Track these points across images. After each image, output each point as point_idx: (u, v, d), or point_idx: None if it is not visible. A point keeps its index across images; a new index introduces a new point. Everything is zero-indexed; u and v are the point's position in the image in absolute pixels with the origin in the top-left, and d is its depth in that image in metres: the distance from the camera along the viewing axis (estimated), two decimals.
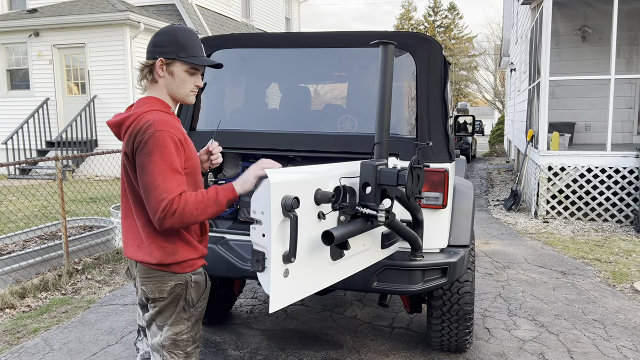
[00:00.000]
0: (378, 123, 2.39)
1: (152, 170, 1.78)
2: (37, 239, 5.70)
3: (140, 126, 1.83)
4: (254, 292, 4.72)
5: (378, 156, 2.39)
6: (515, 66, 14.54)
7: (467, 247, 3.02)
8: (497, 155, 20.84)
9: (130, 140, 1.85)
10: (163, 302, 1.95)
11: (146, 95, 1.99)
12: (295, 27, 22.18)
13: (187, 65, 1.96)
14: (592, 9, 9.66)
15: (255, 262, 1.84)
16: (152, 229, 1.91)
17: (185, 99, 2.01)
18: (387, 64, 2.33)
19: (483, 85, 36.10)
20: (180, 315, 1.98)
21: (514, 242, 6.60)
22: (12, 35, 13.23)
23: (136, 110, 1.91)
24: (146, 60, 1.97)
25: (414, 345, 3.65)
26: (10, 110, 13.45)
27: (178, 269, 1.94)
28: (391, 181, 2.20)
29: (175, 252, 1.93)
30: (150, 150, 1.78)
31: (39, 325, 4.00)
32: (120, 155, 2.20)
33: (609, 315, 4.19)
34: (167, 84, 1.97)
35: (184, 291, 1.97)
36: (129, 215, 2.01)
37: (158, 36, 1.96)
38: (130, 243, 2.00)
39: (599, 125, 9.78)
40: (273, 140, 3.11)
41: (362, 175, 2.27)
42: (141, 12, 12.97)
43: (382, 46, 2.34)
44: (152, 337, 2.02)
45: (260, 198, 1.80)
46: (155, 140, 1.79)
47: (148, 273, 1.94)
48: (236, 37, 3.30)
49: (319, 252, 2.14)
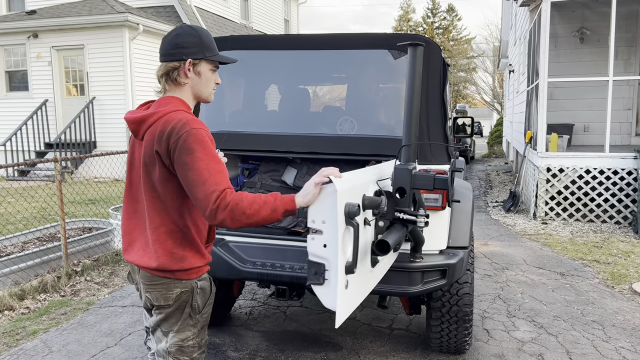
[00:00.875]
0: (406, 125, 2.33)
1: (198, 165, 1.74)
2: (36, 240, 5.70)
3: (173, 125, 1.79)
4: (253, 293, 4.71)
5: (406, 159, 2.32)
6: (513, 68, 14.56)
7: (467, 249, 3.03)
8: (496, 156, 20.86)
9: (163, 140, 1.78)
10: (169, 310, 1.91)
11: (168, 95, 1.94)
12: (294, 28, 22.19)
13: (212, 64, 1.96)
14: (591, 11, 9.68)
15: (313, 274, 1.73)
16: (165, 232, 1.86)
17: (208, 97, 2.00)
18: (416, 66, 2.26)
19: (482, 87, 36.15)
20: (186, 322, 1.94)
21: (513, 243, 6.60)
22: (11, 36, 13.22)
23: (160, 108, 1.86)
24: (170, 62, 1.90)
25: (413, 346, 3.65)
26: (9, 112, 13.44)
27: (184, 276, 1.90)
28: (427, 185, 2.14)
29: (183, 259, 1.88)
30: (192, 147, 1.75)
31: (38, 327, 3.99)
32: (124, 156, 2.17)
33: (608, 317, 4.20)
34: (194, 85, 1.95)
35: (189, 298, 1.92)
36: (133, 217, 1.95)
37: (180, 37, 1.90)
38: (134, 247, 1.95)
39: (598, 126, 9.80)
40: (272, 142, 3.11)
41: (397, 180, 2.21)
42: (140, 13, 12.97)
43: (411, 48, 2.28)
44: (157, 343, 1.98)
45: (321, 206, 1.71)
46: (194, 137, 1.76)
47: (152, 280, 1.90)
48: (236, 39, 3.31)
49: (364, 260, 2.08)
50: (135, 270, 1.99)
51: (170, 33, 1.94)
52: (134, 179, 1.95)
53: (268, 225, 3.24)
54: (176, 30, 1.93)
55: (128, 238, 1.98)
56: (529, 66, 9.53)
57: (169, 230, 1.87)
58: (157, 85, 1.98)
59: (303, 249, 2.95)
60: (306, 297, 4.57)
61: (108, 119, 12.58)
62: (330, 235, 1.70)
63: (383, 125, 3.21)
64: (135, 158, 1.94)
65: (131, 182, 1.96)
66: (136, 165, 1.94)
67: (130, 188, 1.96)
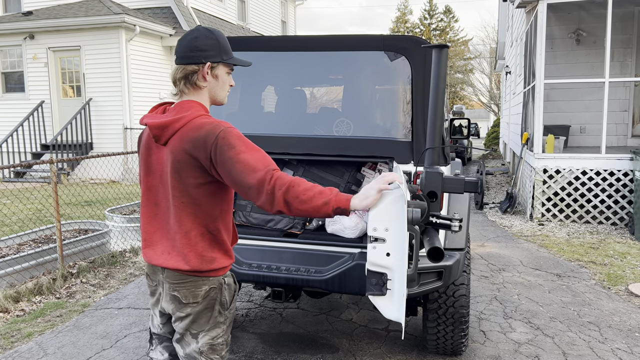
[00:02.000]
0: (430, 128, 2.28)
1: (243, 157, 1.75)
2: (32, 242, 5.67)
3: (207, 129, 1.80)
4: (249, 295, 4.70)
5: (431, 163, 2.28)
6: (510, 69, 14.60)
7: (463, 251, 3.03)
8: (493, 157, 20.90)
9: (200, 144, 1.78)
10: (197, 308, 1.91)
11: (186, 99, 1.92)
12: (291, 30, 22.20)
13: (228, 67, 1.96)
14: (587, 13, 9.71)
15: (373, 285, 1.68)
16: (196, 236, 1.87)
17: (223, 100, 2.01)
18: (441, 68, 2.21)
19: (478, 88, 36.24)
20: (216, 320, 1.95)
21: (510, 244, 6.61)
22: (7, 37, 13.19)
23: (184, 114, 1.85)
24: (189, 65, 1.88)
25: (409, 348, 3.65)
26: (5, 113, 13.40)
27: (212, 274, 1.92)
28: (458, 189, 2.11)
29: (213, 261, 1.90)
30: (232, 143, 1.77)
31: (33, 330, 3.97)
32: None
33: (604, 318, 4.20)
34: (211, 88, 1.94)
35: (218, 294, 1.93)
36: (154, 220, 1.95)
37: (199, 40, 1.88)
38: (156, 249, 1.94)
39: (594, 128, 9.82)
40: (269, 143, 3.11)
41: (428, 183, 2.17)
42: (137, 14, 12.95)
43: (436, 50, 2.22)
44: (185, 347, 1.95)
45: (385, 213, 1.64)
46: (230, 134, 1.79)
47: (181, 279, 1.90)
48: (232, 40, 3.30)
49: None
50: (156, 271, 1.97)
51: (187, 35, 1.92)
52: (151, 182, 1.94)
53: (266, 227, 3.24)
54: (194, 33, 1.91)
55: (149, 241, 1.97)
56: (526, 68, 9.56)
57: (200, 233, 1.87)
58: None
59: (299, 250, 2.95)
60: (302, 299, 4.56)
61: (104, 121, 12.55)
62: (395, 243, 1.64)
63: (379, 127, 3.22)
64: (154, 163, 1.93)
65: (149, 186, 1.95)
66: (155, 170, 1.93)
67: (148, 192, 1.95)
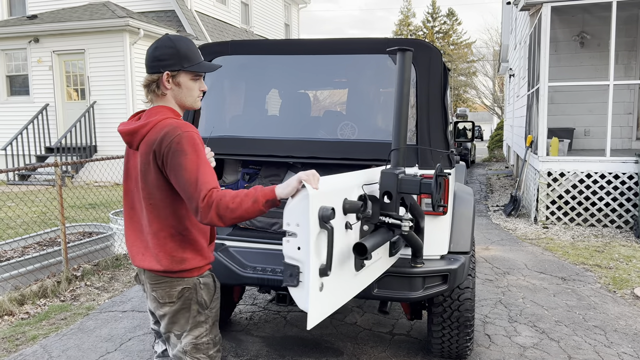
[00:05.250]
0: (395, 129, 2.36)
1: (191, 166, 1.82)
2: (36, 245, 5.69)
3: (165, 131, 1.87)
4: (253, 298, 4.70)
5: (395, 164, 2.35)
6: (514, 72, 14.57)
7: (468, 254, 3.02)
8: (496, 160, 20.86)
9: (156, 145, 1.86)
10: (174, 307, 1.98)
11: (155, 105, 2.01)
12: (294, 33, 22.24)
13: (192, 73, 2.00)
14: (591, 15, 9.69)
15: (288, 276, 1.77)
16: (165, 237, 1.93)
17: (193, 104, 2.06)
18: (405, 71, 2.31)
19: (482, 91, 36.22)
20: (196, 319, 2.00)
21: (514, 247, 6.59)
22: (12, 41, 13.25)
23: (151, 118, 1.93)
24: (150, 75, 1.97)
25: (414, 352, 3.63)
26: (10, 116, 13.46)
27: (186, 275, 1.98)
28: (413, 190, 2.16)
29: (183, 261, 1.96)
30: (185, 149, 1.83)
31: (37, 333, 3.98)
32: (121, 160, 2.17)
33: (610, 322, 4.18)
34: (175, 95, 2.01)
35: (193, 294, 1.99)
36: (130, 223, 2.03)
37: (158, 50, 1.96)
38: (134, 251, 2.03)
39: (598, 130, 9.79)
40: (273, 146, 3.11)
41: (383, 184, 2.23)
42: (141, 18, 12.99)
43: (400, 53, 2.31)
44: (172, 348, 2.04)
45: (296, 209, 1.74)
46: (186, 140, 1.84)
47: (157, 279, 1.98)
48: (236, 43, 3.31)
49: (346, 263, 2.11)
50: (141, 271, 2.06)
51: (151, 45, 2.01)
52: (128, 187, 2.03)
53: (270, 230, 3.23)
54: (156, 43, 1.99)
55: (129, 243, 2.06)
56: (530, 70, 9.54)
57: (169, 234, 1.94)
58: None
59: None
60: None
61: (108, 124, 12.58)
62: (304, 239, 1.73)
63: (383, 130, 3.21)
64: (131, 167, 2.01)
65: (126, 190, 2.04)
66: (131, 175, 2.01)
67: (126, 196, 2.04)
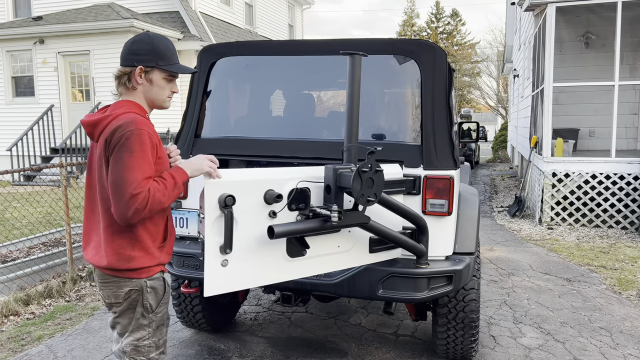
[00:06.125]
0: (347, 129, 2.48)
1: (132, 164, 1.82)
2: (42, 245, 5.71)
3: (121, 123, 1.87)
4: (258, 299, 4.70)
5: (347, 161, 2.47)
6: (518, 72, 14.54)
7: (473, 255, 3.01)
8: (501, 161, 20.80)
9: (109, 134, 1.87)
10: (120, 307, 1.99)
11: (123, 99, 2.02)
12: (298, 34, 22.25)
13: (165, 73, 2.02)
14: (596, 16, 9.66)
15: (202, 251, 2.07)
16: (112, 232, 1.93)
17: (162, 104, 2.08)
18: (355, 73, 2.47)
19: (486, 92, 36.12)
20: (139, 322, 2.00)
21: (519, 248, 6.57)
22: (17, 42, 13.32)
23: (114, 111, 1.94)
24: (123, 67, 1.99)
25: (419, 353, 3.63)
26: (15, 117, 13.52)
27: (133, 275, 1.97)
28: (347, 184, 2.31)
29: (131, 260, 1.95)
30: (132, 146, 1.83)
31: (43, 333, 3.99)
32: None
33: (616, 323, 4.16)
34: (145, 91, 2.02)
35: (139, 297, 1.99)
36: (91, 217, 2.04)
37: (135, 44, 1.98)
38: (89, 245, 2.03)
39: (603, 131, 9.75)
40: (277, 147, 3.11)
41: (325, 178, 2.40)
42: (145, 19, 13.03)
43: (350, 57, 2.48)
44: (116, 343, 2.07)
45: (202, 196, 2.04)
46: (136, 137, 1.85)
47: (105, 278, 1.98)
48: (241, 44, 3.31)
49: (273, 247, 2.32)
50: (94, 268, 2.07)
51: (130, 39, 2.03)
52: (90, 181, 2.04)
53: None
54: (134, 38, 2.01)
55: (86, 237, 2.06)
56: (534, 71, 9.51)
57: (117, 230, 1.93)
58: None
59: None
60: (311, 303, 4.55)
61: None
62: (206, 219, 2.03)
63: (388, 131, 3.20)
64: (93, 161, 2.03)
65: (89, 183, 2.05)
66: (93, 168, 2.03)
67: (89, 189, 2.05)
